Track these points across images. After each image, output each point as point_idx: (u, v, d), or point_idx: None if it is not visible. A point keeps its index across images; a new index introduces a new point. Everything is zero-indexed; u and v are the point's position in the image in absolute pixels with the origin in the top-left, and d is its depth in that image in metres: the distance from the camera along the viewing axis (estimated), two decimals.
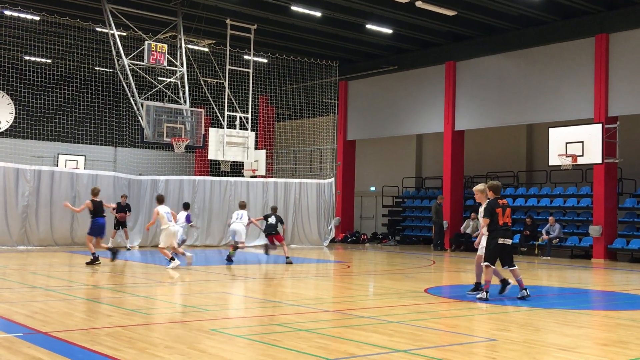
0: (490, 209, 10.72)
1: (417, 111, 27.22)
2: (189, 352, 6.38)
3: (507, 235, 10.70)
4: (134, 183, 22.78)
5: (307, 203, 25.43)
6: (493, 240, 10.66)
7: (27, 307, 9.04)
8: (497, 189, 10.92)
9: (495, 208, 10.67)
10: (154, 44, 21.58)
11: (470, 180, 28.23)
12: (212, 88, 26.36)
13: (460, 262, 19.97)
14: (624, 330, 8.29)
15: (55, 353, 6.23)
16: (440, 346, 7.04)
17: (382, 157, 32.65)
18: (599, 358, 6.68)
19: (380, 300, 11.18)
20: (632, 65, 20.92)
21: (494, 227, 10.65)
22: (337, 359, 6.24)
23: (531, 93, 23.42)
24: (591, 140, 19.72)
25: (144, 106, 21.56)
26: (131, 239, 22.11)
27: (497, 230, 10.64)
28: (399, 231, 29.46)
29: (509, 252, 10.80)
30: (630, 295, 12.47)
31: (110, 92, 28.69)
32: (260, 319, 8.90)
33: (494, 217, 10.65)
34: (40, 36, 24.04)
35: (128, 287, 12.29)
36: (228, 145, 23.55)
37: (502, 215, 10.66)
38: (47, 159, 29.75)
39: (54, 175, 21.09)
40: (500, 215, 10.65)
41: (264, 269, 16.50)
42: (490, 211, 10.71)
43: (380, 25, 23.65)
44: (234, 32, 23.65)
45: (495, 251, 10.65)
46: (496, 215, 10.64)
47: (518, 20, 23.02)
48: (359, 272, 16.39)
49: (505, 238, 10.66)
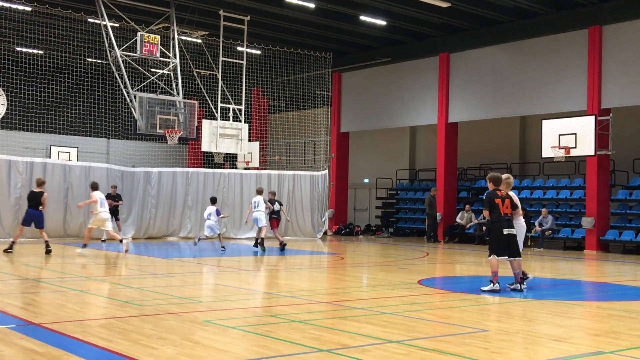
0: (488, 201, 10.68)
1: (411, 103, 27.21)
2: (183, 343, 6.37)
3: (511, 226, 10.64)
4: (127, 175, 22.72)
5: (300, 195, 25.42)
6: (497, 232, 10.61)
7: (19, 299, 9.02)
8: (497, 180, 10.85)
9: (494, 199, 10.61)
10: (147, 35, 21.48)
11: (464, 172, 28.29)
12: (205, 80, 26.27)
13: (454, 253, 20.03)
14: (616, 321, 8.33)
15: (48, 344, 6.22)
16: (433, 337, 7.06)
17: (376, 149, 32.66)
18: (591, 348, 6.71)
19: (373, 291, 11.20)
20: (625, 58, 20.95)
21: (498, 219, 10.58)
22: (330, 349, 6.25)
23: (524, 85, 23.44)
24: (584, 132, 19.78)
25: (137, 98, 21.47)
26: (124, 230, 22.06)
27: (501, 221, 10.57)
28: (392, 223, 29.50)
29: (515, 243, 10.69)
30: (622, 286, 12.53)
31: (103, 84, 28.57)
32: (254, 311, 8.91)
33: (493, 208, 10.59)
34: (32, 27, 23.88)
35: (121, 278, 12.27)
36: (221, 137, 23.50)
37: (501, 205, 10.61)
38: (39, 151, 29.63)
39: (46, 167, 21.00)
40: (500, 205, 10.60)
41: (258, 260, 16.49)
42: (489, 202, 10.66)
43: (374, 16, 23.60)
44: (227, 24, 23.56)
45: (502, 242, 10.58)
46: (496, 205, 10.59)
47: (512, 12, 23.02)
48: (352, 264, 16.41)
49: (510, 228, 10.60)
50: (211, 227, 18.24)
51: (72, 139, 31.30)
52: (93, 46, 26.25)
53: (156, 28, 23.23)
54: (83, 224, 21.46)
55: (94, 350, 6.08)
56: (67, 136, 30.89)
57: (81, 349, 6.09)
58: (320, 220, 25.94)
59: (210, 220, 18.24)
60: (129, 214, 22.46)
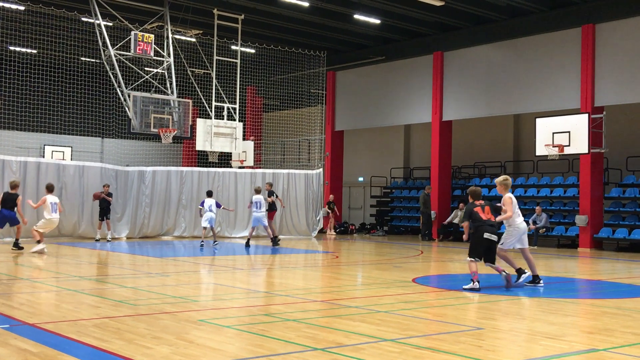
0: (467, 212, 10.92)
1: (405, 101, 27.22)
2: (177, 343, 6.37)
3: (493, 232, 10.72)
4: (121, 174, 22.68)
5: (295, 194, 25.43)
6: (477, 234, 10.72)
7: (13, 299, 9.00)
8: (476, 194, 11.05)
9: (473, 208, 10.80)
10: (141, 34, 21.43)
11: (458, 170, 28.34)
12: (200, 78, 26.23)
13: (448, 252, 20.06)
14: (609, 319, 8.37)
15: (43, 344, 6.21)
16: (427, 335, 7.07)
17: (370, 148, 32.68)
18: (585, 346, 6.74)
19: (368, 290, 11.21)
20: (619, 56, 21.02)
21: (480, 223, 10.69)
22: (325, 348, 6.25)
23: (518, 83, 23.49)
24: (578, 131, 19.85)
25: (131, 97, 21.43)
26: (118, 230, 22.05)
27: (484, 225, 10.68)
28: (387, 221, 29.53)
29: (493, 250, 10.82)
30: (615, 284, 12.58)
31: (97, 83, 28.48)
32: (249, 309, 8.91)
33: (473, 216, 10.77)
34: (25, 26, 23.80)
35: (115, 278, 12.25)
36: (216, 136, 23.46)
37: (482, 212, 10.75)
38: (33, 150, 29.52)
39: (40, 167, 20.94)
40: (481, 212, 10.75)
41: (252, 259, 16.49)
42: (468, 213, 10.91)
43: (368, 15, 23.61)
44: (221, 22, 23.53)
45: (481, 246, 10.69)
46: (475, 213, 10.75)
47: (505, 11, 23.06)
48: (347, 263, 16.42)
49: (491, 234, 10.69)
50: (212, 218, 18.44)
51: (66, 138, 31.19)
52: (87, 45, 26.15)
53: (150, 27, 23.19)
54: (77, 224, 21.44)
55: (88, 350, 6.07)
56: (61, 135, 30.78)
57: (75, 349, 6.08)
58: (314, 218, 25.95)
59: (212, 212, 18.46)
60: (123, 213, 22.43)
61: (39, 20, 23.60)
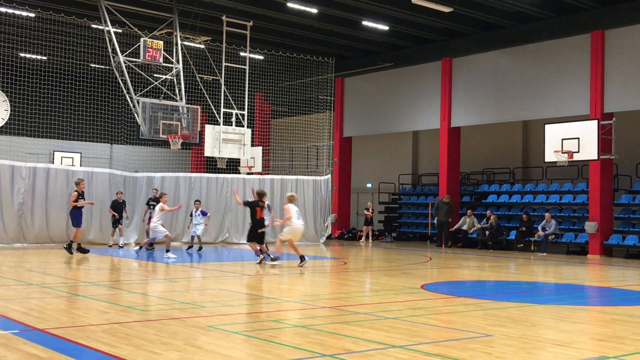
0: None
1: (413, 108, 27.22)
2: (186, 349, 6.37)
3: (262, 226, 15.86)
4: (129, 180, 22.74)
5: (303, 200, 25.41)
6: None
7: (23, 304, 9.03)
8: (261, 194, 15.94)
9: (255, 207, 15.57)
10: (150, 41, 21.54)
11: (467, 176, 28.27)
12: (208, 85, 26.31)
13: (457, 258, 20.00)
14: (619, 326, 8.31)
15: (52, 350, 6.22)
16: (436, 342, 7.05)
17: (379, 154, 32.66)
18: (594, 353, 6.70)
19: (376, 296, 11.18)
20: (628, 62, 20.94)
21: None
22: (333, 354, 6.24)
23: (527, 89, 23.44)
24: (587, 137, 19.76)
25: (140, 103, 21.52)
26: (127, 236, 22.09)
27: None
28: (395, 228, 29.46)
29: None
30: (626, 291, 12.50)
31: (106, 89, 28.62)
32: (257, 316, 8.90)
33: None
34: (36, 33, 23.96)
35: (124, 284, 12.28)
36: (224, 142, 23.51)
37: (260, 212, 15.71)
38: (42, 156, 29.67)
39: (49, 173, 21.03)
40: (259, 212, 15.62)
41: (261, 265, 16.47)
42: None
43: (377, 21, 23.64)
44: (230, 29, 23.62)
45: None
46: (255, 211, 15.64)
47: (514, 17, 23.04)
48: (355, 269, 16.40)
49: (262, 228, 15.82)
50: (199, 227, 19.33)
51: (75, 144, 31.34)
52: (96, 52, 26.32)
53: (159, 34, 23.29)
54: (86, 230, 21.48)
55: (98, 355, 6.08)
56: (70, 141, 30.93)
57: (84, 354, 6.10)
58: (323, 224, 25.92)
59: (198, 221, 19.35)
60: (131, 218, 22.47)
61: (49, 27, 23.74)
